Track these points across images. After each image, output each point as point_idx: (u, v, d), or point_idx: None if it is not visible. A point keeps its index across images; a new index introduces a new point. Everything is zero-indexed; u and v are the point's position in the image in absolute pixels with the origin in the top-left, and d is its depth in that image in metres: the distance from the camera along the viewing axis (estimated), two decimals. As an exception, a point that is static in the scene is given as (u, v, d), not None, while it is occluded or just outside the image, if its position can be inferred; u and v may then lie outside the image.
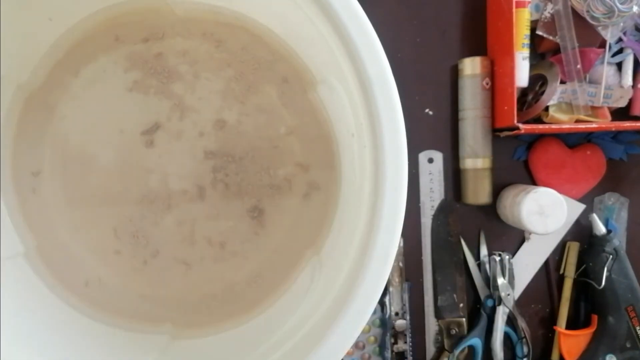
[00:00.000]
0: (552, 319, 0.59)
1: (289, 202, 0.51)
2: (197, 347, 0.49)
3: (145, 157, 0.49)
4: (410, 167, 0.55)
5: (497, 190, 0.57)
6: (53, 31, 0.47)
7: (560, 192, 0.53)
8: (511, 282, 0.57)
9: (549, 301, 0.59)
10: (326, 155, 0.51)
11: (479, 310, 0.58)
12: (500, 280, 0.56)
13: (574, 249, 0.58)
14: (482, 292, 0.58)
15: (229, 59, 0.50)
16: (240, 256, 0.50)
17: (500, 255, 0.57)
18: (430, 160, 0.58)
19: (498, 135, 0.56)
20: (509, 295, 0.56)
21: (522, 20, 0.52)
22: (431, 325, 0.58)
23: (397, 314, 0.57)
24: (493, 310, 0.57)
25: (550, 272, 0.59)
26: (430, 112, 0.58)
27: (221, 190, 0.50)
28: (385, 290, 0.56)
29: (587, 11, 0.51)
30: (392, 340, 0.57)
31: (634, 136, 0.58)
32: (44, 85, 0.48)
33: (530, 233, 0.57)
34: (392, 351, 0.57)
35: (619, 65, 0.54)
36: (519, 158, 0.58)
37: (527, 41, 0.52)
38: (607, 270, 0.55)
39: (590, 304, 0.58)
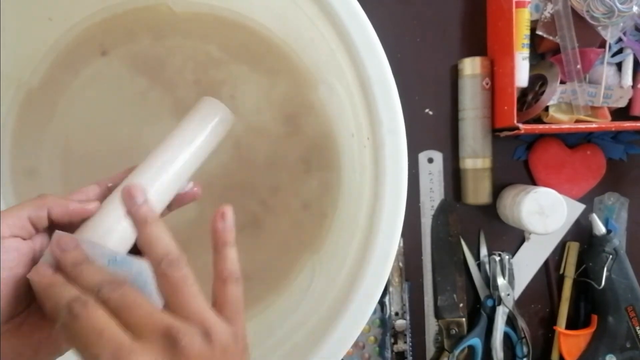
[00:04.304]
0: (552, 319, 0.59)
1: (289, 201, 0.51)
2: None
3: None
4: (410, 167, 0.55)
5: (497, 190, 0.57)
6: (53, 31, 0.47)
7: (560, 192, 0.53)
8: (511, 282, 0.57)
9: (549, 301, 0.59)
10: (326, 156, 0.51)
11: (479, 310, 0.58)
12: (500, 280, 0.56)
13: (574, 249, 0.58)
14: (482, 292, 0.58)
15: (229, 58, 0.50)
16: (239, 256, 0.50)
17: (500, 255, 0.57)
18: (430, 160, 0.58)
19: (498, 135, 0.56)
20: (508, 295, 0.56)
21: (522, 20, 0.52)
22: (431, 325, 0.58)
23: (397, 314, 0.57)
24: (493, 310, 0.57)
25: (550, 272, 0.59)
26: (430, 112, 0.58)
27: (221, 190, 0.50)
28: (385, 290, 0.56)
29: (587, 11, 0.51)
30: (392, 340, 0.57)
31: (634, 136, 0.58)
32: (44, 84, 0.48)
33: (530, 233, 0.57)
34: (392, 351, 0.57)
35: (619, 65, 0.54)
36: (519, 158, 0.58)
37: (527, 41, 0.52)
38: (607, 270, 0.55)
39: (590, 304, 0.58)
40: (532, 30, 0.53)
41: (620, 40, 0.54)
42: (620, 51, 0.54)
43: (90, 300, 0.24)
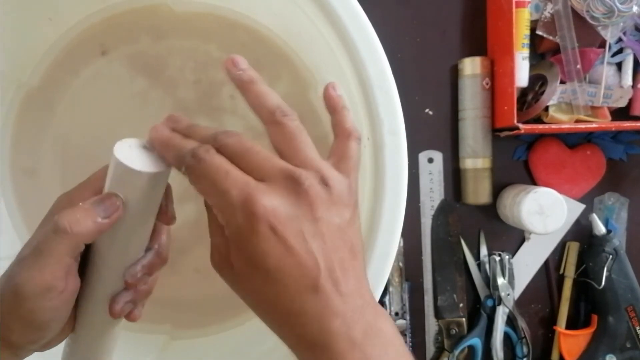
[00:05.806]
0: (552, 319, 0.59)
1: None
2: (197, 347, 0.49)
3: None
4: (410, 167, 0.54)
5: (497, 190, 0.57)
6: (53, 31, 0.47)
7: (560, 192, 0.53)
8: (511, 282, 0.57)
9: (549, 301, 0.59)
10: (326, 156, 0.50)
11: (478, 310, 0.58)
12: (500, 280, 0.56)
13: (574, 249, 0.58)
14: (482, 292, 0.58)
15: (229, 59, 0.50)
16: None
17: (500, 255, 0.57)
18: (430, 160, 0.58)
19: (498, 135, 0.56)
20: (508, 295, 0.56)
21: (522, 20, 0.52)
22: (431, 325, 0.58)
23: (397, 314, 0.57)
24: (493, 310, 0.57)
25: (550, 272, 0.59)
26: (430, 112, 0.58)
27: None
28: (385, 290, 0.56)
29: (587, 11, 0.51)
30: (392, 340, 0.57)
31: (634, 136, 0.58)
32: (44, 84, 0.48)
33: (530, 233, 0.57)
34: (392, 351, 0.57)
35: (619, 65, 0.54)
36: (519, 158, 0.58)
37: (527, 41, 0.52)
38: (607, 270, 0.55)
39: (590, 304, 0.58)
40: (532, 30, 0.53)
41: (620, 40, 0.54)
42: (620, 51, 0.54)
43: (211, 147, 0.25)
